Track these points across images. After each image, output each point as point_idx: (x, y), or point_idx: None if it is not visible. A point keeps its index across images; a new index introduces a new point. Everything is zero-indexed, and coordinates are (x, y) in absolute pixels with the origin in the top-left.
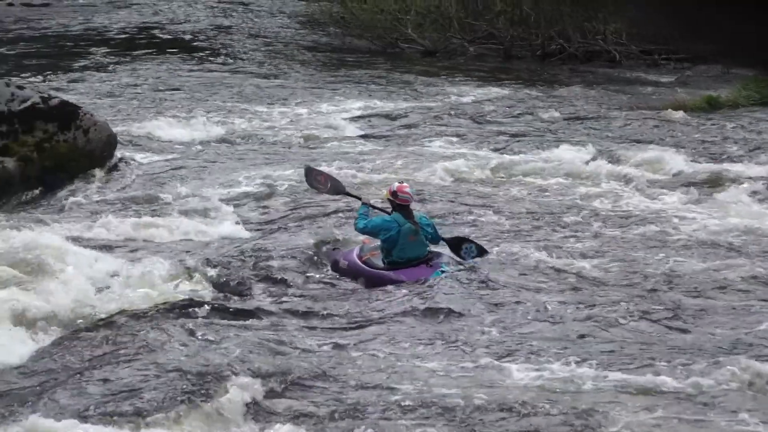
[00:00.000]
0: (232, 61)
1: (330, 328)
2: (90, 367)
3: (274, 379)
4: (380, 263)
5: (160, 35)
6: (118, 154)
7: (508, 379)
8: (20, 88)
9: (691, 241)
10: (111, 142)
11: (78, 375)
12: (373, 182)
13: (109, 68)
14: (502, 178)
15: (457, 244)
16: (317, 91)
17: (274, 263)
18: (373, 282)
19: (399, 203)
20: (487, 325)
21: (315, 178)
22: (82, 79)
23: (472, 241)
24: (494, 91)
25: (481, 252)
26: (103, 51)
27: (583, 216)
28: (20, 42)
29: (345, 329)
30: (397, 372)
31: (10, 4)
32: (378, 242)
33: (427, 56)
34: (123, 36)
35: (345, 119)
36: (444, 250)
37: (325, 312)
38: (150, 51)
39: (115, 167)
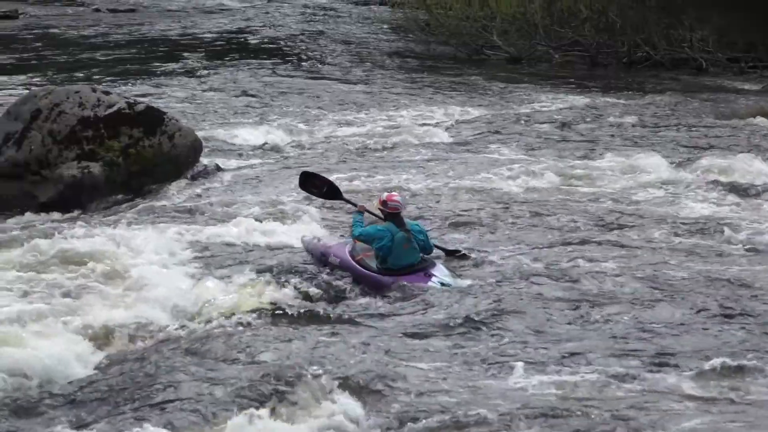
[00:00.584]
0: (319, 66)
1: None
2: (162, 374)
3: (335, 382)
4: (374, 265)
5: (247, 41)
6: (203, 159)
7: (540, 384)
8: (106, 93)
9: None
10: (196, 147)
11: (151, 383)
12: (442, 191)
13: (195, 73)
14: (575, 185)
15: (451, 253)
16: (401, 98)
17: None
18: (369, 284)
19: (389, 212)
20: (512, 332)
21: (312, 183)
22: (167, 84)
23: (466, 255)
24: (578, 98)
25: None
26: (189, 56)
27: (647, 223)
28: (106, 48)
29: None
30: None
31: (97, 10)
32: None
33: (512, 63)
34: (209, 41)
35: (427, 126)
36: (438, 257)
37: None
38: (236, 56)
39: (199, 173)
